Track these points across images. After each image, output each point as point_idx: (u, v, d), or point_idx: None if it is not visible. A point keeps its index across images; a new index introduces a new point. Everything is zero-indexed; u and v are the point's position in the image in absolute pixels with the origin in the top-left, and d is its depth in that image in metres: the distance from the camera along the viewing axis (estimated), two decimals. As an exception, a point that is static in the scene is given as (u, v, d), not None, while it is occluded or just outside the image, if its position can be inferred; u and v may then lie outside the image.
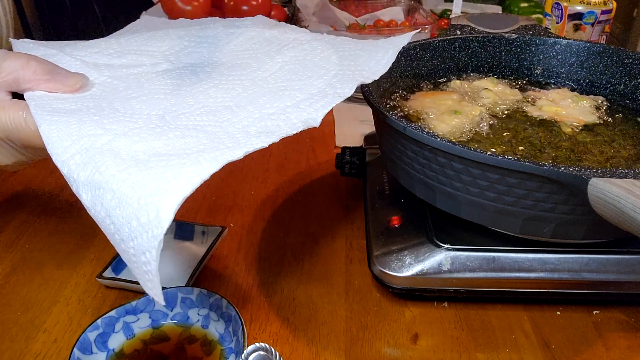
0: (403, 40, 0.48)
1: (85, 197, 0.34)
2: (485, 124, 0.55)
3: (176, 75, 0.48)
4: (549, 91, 0.62)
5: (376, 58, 0.47)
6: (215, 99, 0.43)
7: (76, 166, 0.34)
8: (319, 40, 0.53)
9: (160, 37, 0.56)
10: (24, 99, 0.41)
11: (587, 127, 0.55)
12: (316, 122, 0.39)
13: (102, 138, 0.36)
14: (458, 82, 0.63)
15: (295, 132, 0.38)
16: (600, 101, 0.60)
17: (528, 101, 0.60)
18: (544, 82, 0.66)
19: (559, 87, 0.64)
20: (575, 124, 0.56)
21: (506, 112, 0.58)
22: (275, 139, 0.36)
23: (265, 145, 0.35)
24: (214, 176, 0.42)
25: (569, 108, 0.58)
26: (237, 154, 0.34)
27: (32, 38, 0.56)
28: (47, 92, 0.42)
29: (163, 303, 0.33)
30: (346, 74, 0.45)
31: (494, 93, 0.60)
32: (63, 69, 0.44)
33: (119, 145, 0.35)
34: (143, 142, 0.36)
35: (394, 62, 0.59)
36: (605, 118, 0.57)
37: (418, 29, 0.52)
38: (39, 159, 0.46)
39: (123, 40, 0.54)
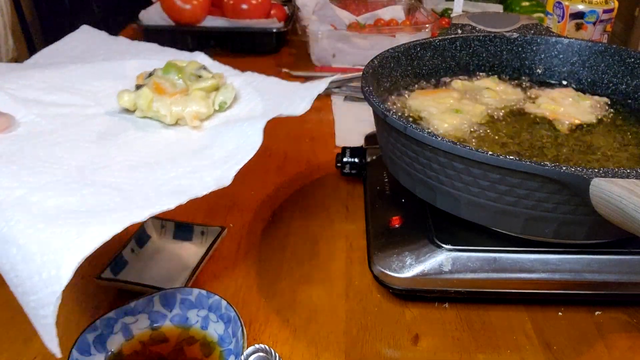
0: (321, 85, 0.51)
1: None
2: (484, 122, 0.55)
3: (104, 122, 0.49)
4: (552, 90, 0.62)
5: (294, 105, 0.49)
6: (138, 153, 0.45)
7: None
8: (249, 86, 0.55)
9: (97, 75, 0.56)
10: None
11: (583, 126, 0.55)
12: (228, 180, 0.40)
13: (16, 191, 0.37)
14: (460, 81, 0.63)
15: (206, 192, 0.39)
16: (603, 102, 0.60)
17: (529, 100, 0.60)
18: (545, 82, 0.65)
19: (563, 87, 0.64)
20: (570, 122, 0.55)
21: (507, 110, 0.58)
22: (184, 200, 0.37)
23: (172, 207, 0.36)
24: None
25: (568, 107, 0.58)
26: (142, 216, 0.35)
27: (31, 38, 0.56)
28: None
29: (59, 355, 0.34)
30: (260, 124, 0.46)
31: (495, 92, 0.60)
32: None
33: (33, 199, 0.36)
34: (57, 197, 0.37)
35: (394, 62, 0.59)
36: (604, 118, 0.57)
37: (336, 73, 0.56)
38: None
39: (57, 73, 0.54)
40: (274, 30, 1.07)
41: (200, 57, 0.62)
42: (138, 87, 0.52)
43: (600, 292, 0.47)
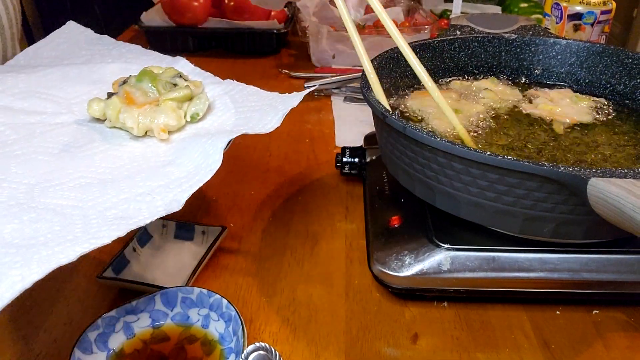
0: (294, 100, 0.49)
1: None
2: (484, 122, 0.55)
3: (71, 132, 0.48)
4: (550, 90, 0.62)
5: (264, 122, 0.47)
6: (97, 168, 0.43)
7: None
8: (226, 96, 0.54)
9: (73, 80, 0.55)
10: None
11: (581, 127, 0.55)
12: (179, 205, 0.38)
13: None
14: (458, 82, 0.64)
15: (153, 219, 0.37)
16: (601, 102, 0.60)
17: (527, 100, 0.60)
18: (543, 83, 0.66)
19: (562, 88, 0.64)
20: (568, 122, 0.56)
21: (505, 111, 0.58)
22: (124, 230, 0.35)
23: (108, 241, 0.34)
24: (214, 176, 0.42)
25: (566, 107, 0.58)
26: (71, 256, 0.33)
27: (32, 38, 0.56)
28: None
29: None
30: (221, 143, 0.45)
31: (493, 93, 0.60)
32: None
33: None
34: None
35: (394, 62, 0.60)
36: (602, 118, 0.58)
37: (315, 84, 0.54)
38: None
39: (33, 78, 0.53)
40: (275, 32, 1.08)
41: (181, 64, 0.60)
42: (110, 95, 0.51)
43: (599, 291, 0.47)
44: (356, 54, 0.52)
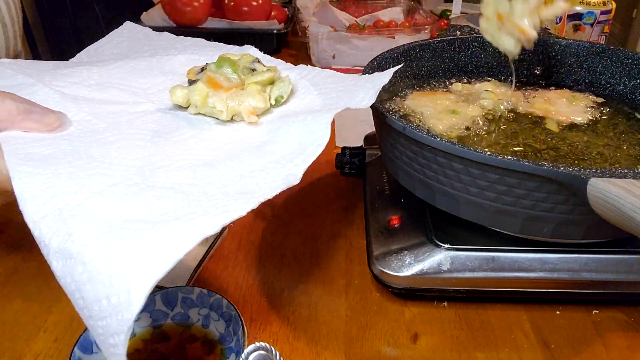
0: (384, 78, 0.47)
1: (56, 266, 0.32)
2: (481, 123, 0.55)
3: (157, 119, 0.47)
4: (548, 91, 0.62)
5: (357, 99, 0.46)
6: (194, 152, 0.42)
7: (48, 229, 0.32)
8: (304, 80, 0.53)
9: (144, 72, 0.54)
10: None
11: (580, 127, 0.55)
12: (297, 178, 0.38)
13: (76, 197, 0.34)
14: (460, 84, 0.64)
15: (275, 193, 0.36)
16: (598, 102, 0.60)
17: (525, 100, 0.60)
18: (543, 83, 0.66)
19: (559, 88, 0.64)
20: (564, 122, 0.56)
21: (503, 111, 0.58)
22: (254, 203, 0.35)
23: (243, 213, 0.34)
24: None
25: (562, 106, 0.58)
26: (213, 227, 0.32)
27: (33, 38, 0.55)
28: (23, 133, 0.40)
29: None
30: (325, 119, 0.44)
31: (494, 94, 0.60)
32: (39, 106, 0.42)
33: (94, 206, 0.34)
34: (119, 203, 0.34)
35: (394, 63, 0.60)
36: (601, 118, 0.58)
37: (401, 65, 0.52)
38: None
39: (104, 71, 0.53)
40: (275, 32, 1.08)
41: (252, 50, 0.59)
42: (191, 82, 0.50)
43: (598, 291, 0.47)
44: (356, 54, 0.52)
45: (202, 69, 0.51)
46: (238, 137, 0.45)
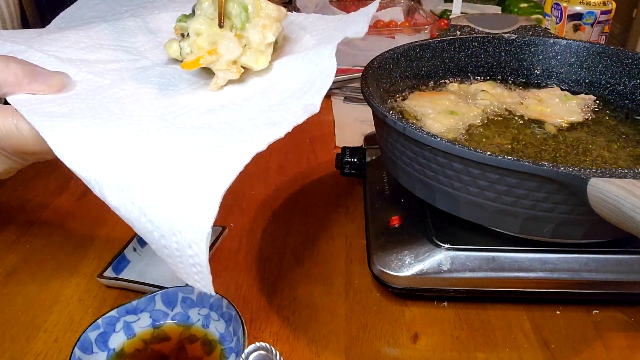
0: (371, 8, 0.47)
1: (112, 198, 0.32)
2: (481, 124, 0.55)
3: (158, 73, 0.46)
4: (539, 91, 0.62)
5: (351, 31, 0.45)
6: (208, 99, 0.42)
7: (96, 168, 0.33)
8: (292, 25, 0.52)
9: (132, 32, 0.53)
10: (7, 103, 0.39)
11: (579, 127, 0.55)
12: (315, 107, 0.38)
13: (113, 140, 0.34)
14: (456, 84, 0.64)
15: (301, 120, 0.37)
16: (591, 101, 0.60)
17: (521, 101, 0.60)
18: (543, 83, 0.66)
19: (549, 87, 0.64)
20: (559, 121, 0.56)
21: (499, 113, 0.58)
22: (288, 128, 0.35)
23: (282, 134, 0.34)
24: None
25: (556, 107, 0.58)
26: (260, 145, 0.32)
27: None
28: (32, 95, 0.40)
29: (214, 294, 0.31)
30: (329, 50, 0.43)
31: (490, 95, 0.60)
32: (43, 68, 0.41)
33: (135, 146, 0.34)
34: (157, 141, 0.34)
35: (394, 63, 0.60)
36: (601, 118, 0.58)
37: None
38: (30, 164, 0.43)
39: (92, 33, 0.51)
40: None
41: None
42: (183, 36, 0.47)
43: (598, 291, 0.47)
44: (356, 54, 0.51)
45: (188, 16, 0.47)
46: (245, 82, 0.45)
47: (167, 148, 0.34)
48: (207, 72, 0.45)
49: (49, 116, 0.37)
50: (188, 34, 0.44)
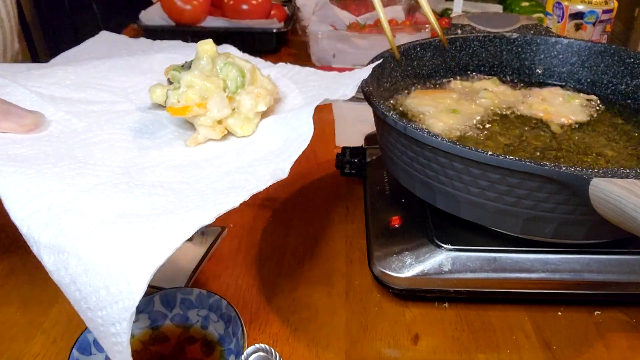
0: (364, 72, 0.47)
1: (48, 260, 0.32)
2: (482, 123, 0.55)
3: (138, 119, 0.46)
4: (542, 90, 0.62)
5: (338, 93, 0.45)
6: (179, 152, 0.42)
7: (37, 226, 0.32)
8: (285, 78, 0.52)
9: (123, 70, 0.53)
10: None
11: (581, 127, 0.55)
12: (284, 172, 0.38)
13: (64, 195, 0.34)
14: (459, 82, 0.63)
15: (265, 186, 0.36)
16: (593, 100, 0.60)
17: (524, 100, 0.60)
18: (545, 83, 0.66)
19: (552, 86, 0.64)
20: (563, 121, 0.55)
21: (502, 112, 0.58)
22: (246, 196, 0.35)
23: (236, 204, 0.34)
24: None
25: (559, 106, 0.58)
26: (208, 217, 0.32)
27: (31, 38, 0.55)
28: (1, 134, 0.39)
29: None
30: (306, 113, 0.43)
31: (493, 93, 0.60)
32: (17, 107, 0.41)
33: (83, 203, 0.33)
34: (108, 200, 0.34)
35: (394, 62, 0.60)
36: (602, 118, 0.57)
37: (380, 59, 0.52)
38: None
39: (81, 70, 0.51)
40: (274, 31, 1.07)
41: (231, 50, 0.58)
42: (170, 82, 0.48)
43: (600, 291, 0.47)
44: (356, 54, 0.51)
45: (183, 66, 0.48)
46: (223, 139, 0.44)
47: (114, 209, 0.33)
48: (189, 126, 0.45)
49: (8, 160, 0.36)
50: (179, 84, 0.44)
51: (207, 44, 0.46)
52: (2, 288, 0.51)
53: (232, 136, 0.45)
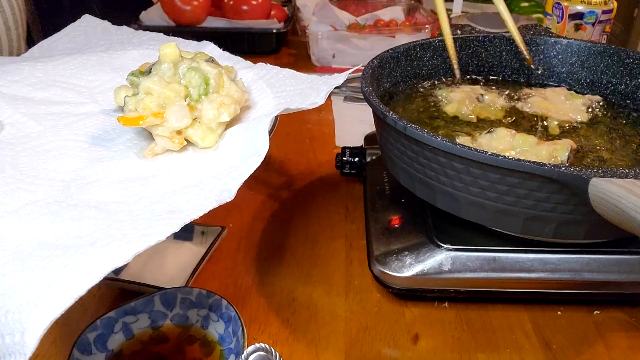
0: (339, 79, 0.46)
1: None
2: (479, 122, 0.55)
3: (98, 124, 0.44)
4: (545, 90, 0.62)
5: (308, 101, 0.44)
6: (132, 164, 0.40)
7: None
8: (261, 80, 0.50)
9: (93, 68, 0.51)
10: None
11: (581, 127, 0.55)
12: (231, 194, 0.36)
13: None
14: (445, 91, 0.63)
15: (204, 212, 0.34)
16: (595, 100, 0.60)
17: (524, 99, 0.60)
18: (544, 83, 0.66)
19: (556, 86, 0.64)
20: (564, 120, 0.55)
21: (503, 110, 0.58)
22: (177, 226, 0.33)
23: (163, 238, 0.32)
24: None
25: (560, 105, 0.58)
26: (125, 256, 0.30)
27: (31, 38, 0.54)
28: None
29: None
30: (263, 124, 0.41)
31: (494, 93, 0.60)
32: None
33: (6, 228, 0.32)
34: (33, 224, 0.32)
35: (394, 62, 0.60)
36: (603, 118, 0.57)
37: (357, 65, 0.51)
38: None
39: (50, 67, 0.49)
40: (274, 31, 1.08)
41: (209, 48, 0.56)
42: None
43: (600, 291, 0.47)
44: (356, 54, 0.51)
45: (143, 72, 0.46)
46: (181, 151, 0.42)
47: (35, 237, 0.32)
48: (149, 134, 0.43)
49: None
50: (137, 90, 0.42)
51: (169, 47, 0.43)
52: (2, 288, 0.51)
53: (193, 146, 0.42)
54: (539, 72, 0.66)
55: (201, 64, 0.43)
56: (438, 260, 0.46)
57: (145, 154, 0.41)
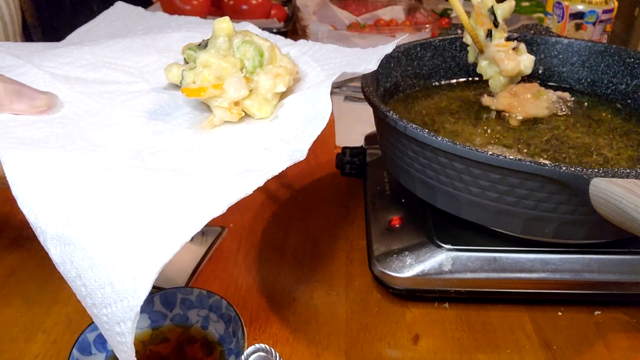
0: (387, 48, 0.46)
1: (54, 252, 0.31)
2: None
3: (153, 100, 0.44)
4: (517, 85, 0.62)
5: (360, 68, 0.44)
6: (195, 135, 0.40)
7: (44, 215, 0.31)
8: (305, 56, 0.50)
9: (139, 50, 0.52)
10: None
11: (583, 127, 0.55)
12: (302, 154, 0.36)
13: (72, 180, 0.33)
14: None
15: (281, 169, 0.35)
16: (565, 97, 0.60)
17: (488, 94, 0.60)
18: (545, 82, 0.65)
19: (528, 82, 0.63)
20: (521, 117, 0.55)
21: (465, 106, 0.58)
22: (260, 181, 0.33)
23: (250, 192, 0.32)
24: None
25: (525, 101, 0.58)
26: (219, 208, 0.31)
27: (31, 38, 0.54)
28: (13, 115, 0.38)
29: None
30: (324, 88, 0.41)
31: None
32: (29, 88, 0.40)
33: (92, 189, 0.32)
34: (117, 186, 0.33)
35: (394, 62, 0.59)
36: (603, 118, 0.57)
37: (405, 34, 0.51)
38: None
39: (97, 50, 0.50)
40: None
41: (250, 27, 0.56)
42: (187, 61, 0.46)
43: (600, 291, 0.47)
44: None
45: (199, 45, 0.46)
46: (240, 120, 0.43)
47: (123, 197, 0.32)
48: (205, 108, 0.43)
49: (18, 144, 0.35)
50: (194, 64, 0.42)
51: (224, 22, 0.44)
52: (3, 288, 0.51)
53: (249, 118, 0.43)
54: (540, 71, 0.66)
55: (254, 37, 0.44)
56: (438, 261, 0.46)
57: (203, 126, 0.42)
